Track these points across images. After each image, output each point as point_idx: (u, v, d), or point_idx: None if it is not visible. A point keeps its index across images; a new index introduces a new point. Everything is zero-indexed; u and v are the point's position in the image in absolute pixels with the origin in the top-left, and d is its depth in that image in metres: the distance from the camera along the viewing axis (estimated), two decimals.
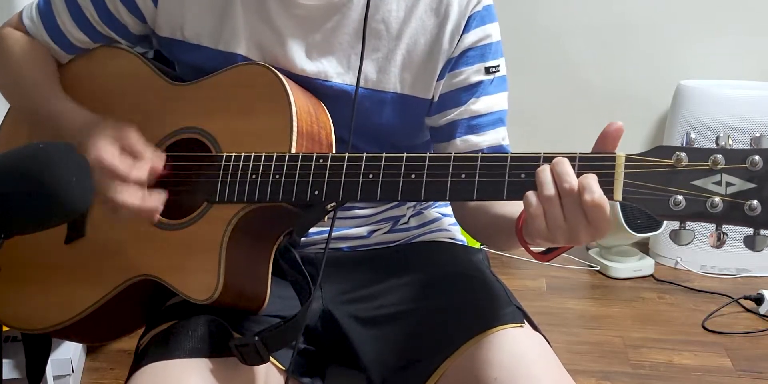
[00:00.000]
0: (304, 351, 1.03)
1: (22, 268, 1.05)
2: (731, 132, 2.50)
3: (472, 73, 1.04)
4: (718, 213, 0.74)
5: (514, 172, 0.81)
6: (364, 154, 0.88)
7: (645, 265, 2.69)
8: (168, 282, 0.95)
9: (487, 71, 1.04)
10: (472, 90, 1.05)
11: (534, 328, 1.01)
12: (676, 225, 0.78)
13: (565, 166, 0.78)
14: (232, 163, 0.93)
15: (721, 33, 2.78)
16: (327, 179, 0.89)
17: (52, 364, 1.70)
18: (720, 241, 0.76)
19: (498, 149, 1.06)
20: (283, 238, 0.98)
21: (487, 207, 1.00)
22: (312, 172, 0.89)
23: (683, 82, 2.70)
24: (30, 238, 0.84)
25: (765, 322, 2.33)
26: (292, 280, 0.98)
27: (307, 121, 0.95)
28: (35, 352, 1.18)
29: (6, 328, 1.07)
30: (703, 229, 0.78)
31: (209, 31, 1.03)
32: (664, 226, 2.60)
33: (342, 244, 1.13)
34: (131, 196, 0.91)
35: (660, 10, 2.80)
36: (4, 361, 1.54)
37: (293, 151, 0.92)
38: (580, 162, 0.79)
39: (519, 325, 0.97)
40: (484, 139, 1.06)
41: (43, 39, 1.10)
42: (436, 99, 1.05)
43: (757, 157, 0.73)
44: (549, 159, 0.80)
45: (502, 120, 1.07)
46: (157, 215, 0.93)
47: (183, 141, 1.01)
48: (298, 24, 1.01)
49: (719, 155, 0.74)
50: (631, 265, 2.68)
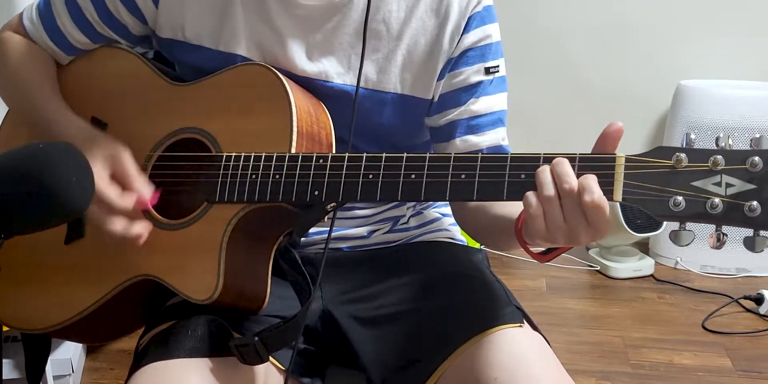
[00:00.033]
0: (304, 351, 1.03)
1: (22, 268, 1.05)
2: (731, 132, 2.49)
3: (471, 74, 1.04)
4: (717, 214, 0.74)
5: (514, 173, 0.81)
6: (364, 155, 0.88)
7: (645, 265, 2.69)
8: (168, 282, 0.95)
9: (486, 71, 1.04)
10: (472, 90, 1.05)
11: (533, 328, 1.01)
12: (676, 226, 0.78)
13: (565, 166, 0.78)
14: (232, 163, 0.93)
15: (721, 33, 2.78)
16: (327, 179, 0.89)
17: (52, 364, 1.70)
18: (720, 241, 0.76)
19: (497, 149, 1.06)
20: (283, 238, 0.98)
21: (487, 208, 1.00)
22: (312, 172, 0.89)
23: (683, 82, 2.70)
24: (30, 238, 0.84)
25: (765, 322, 2.33)
26: (292, 281, 0.98)
27: (307, 121, 0.95)
28: (35, 352, 1.18)
29: (6, 328, 1.07)
30: (702, 230, 0.78)
31: (209, 32, 1.03)
32: (664, 226, 2.60)
33: (342, 244, 1.13)
34: (116, 224, 0.93)
35: (660, 11, 2.80)
36: (4, 361, 1.54)
37: (293, 151, 0.92)
38: (580, 162, 0.79)
39: (518, 325, 0.97)
40: (484, 140, 1.06)
41: (43, 40, 1.10)
42: (436, 99, 1.05)
43: (756, 158, 0.73)
44: (549, 159, 0.80)
45: (501, 120, 1.07)
46: (143, 241, 0.95)
47: (183, 141, 1.01)
48: (298, 24, 1.01)
49: (719, 156, 0.74)
50: (631, 265, 2.68)
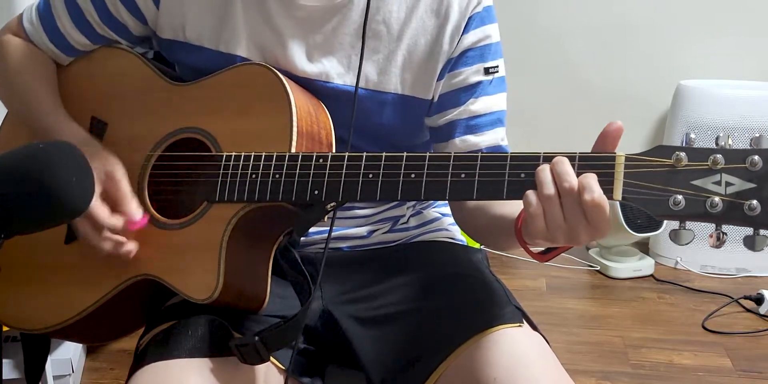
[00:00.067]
0: (304, 351, 1.03)
1: (22, 268, 1.05)
2: (731, 132, 2.50)
3: (471, 74, 1.04)
4: (717, 213, 0.74)
5: (513, 172, 0.81)
6: (364, 154, 0.88)
7: (645, 265, 2.69)
8: (168, 282, 0.95)
9: (486, 72, 1.04)
10: (471, 90, 1.05)
11: (533, 327, 1.00)
12: (676, 225, 0.78)
13: (564, 165, 0.78)
14: (232, 162, 0.93)
15: (721, 33, 2.79)
16: (327, 179, 0.89)
17: (52, 364, 1.70)
18: (720, 241, 0.76)
19: (497, 149, 1.06)
20: (283, 237, 0.98)
21: (486, 208, 1.00)
22: (312, 171, 0.89)
23: (683, 82, 2.70)
24: (30, 238, 0.84)
25: (765, 322, 2.33)
26: (292, 280, 0.98)
27: (307, 120, 0.95)
28: (34, 352, 1.18)
29: (6, 328, 1.07)
30: (702, 230, 0.78)
31: (209, 32, 1.03)
32: (664, 226, 2.60)
33: (342, 244, 1.13)
34: (105, 244, 0.95)
35: (660, 11, 2.80)
36: (4, 361, 1.54)
37: (293, 150, 0.92)
38: (580, 161, 0.79)
39: (518, 324, 0.97)
40: (483, 140, 1.06)
41: (43, 42, 1.10)
42: (435, 99, 1.05)
43: (756, 157, 0.73)
44: (549, 158, 0.80)
45: (500, 120, 1.07)
46: (131, 256, 0.96)
47: (183, 141, 1.01)
48: (298, 25, 1.01)
49: (719, 155, 0.74)
50: (631, 265, 2.68)
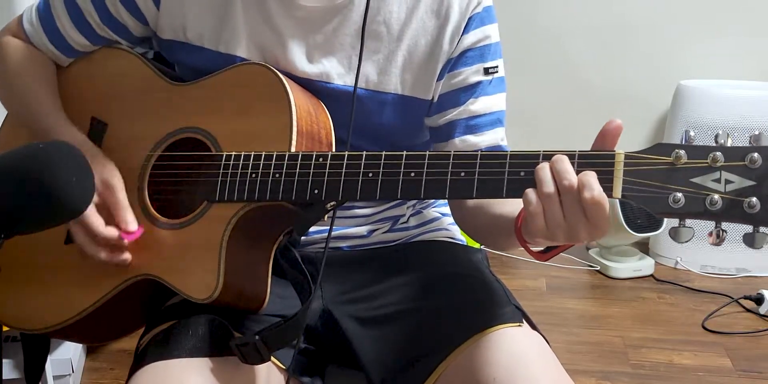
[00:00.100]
0: (305, 350, 1.03)
1: (22, 268, 1.05)
2: (731, 132, 2.46)
3: (471, 74, 1.04)
4: (717, 210, 0.73)
5: (513, 170, 0.81)
6: (364, 153, 0.88)
7: (645, 265, 2.69)
8: (168, 281, 0.95)
9: (485, 72, 1.05)
10: (471, 90, 1.05)
11: (533, 327, 1.00)
12: (676, 223, 0.78)
13: (564, 163, 0.78)
14: (232, 162, 0.93)
15: (721, 33, 2.79)
16: (327, 178, 0.89)
17: (52, 364, 1.70)
18: (719, 238, 0.76)
19: (496, 149, 1.06)
20: (283, 237, 0.98)
21: (486, 207, 1.00)
22: (312, 171, 0.89)
23: (683, 82, 2.70)
24: (30, 238, 0.83)
25: (765, 322, 2.33)
26: (293, 280, 0.98)
27: (307, 120, 0.95)
28: (34, 352, 1.18)
29: (6, 328, 1.07)
30: (702, 230, 0.78)
31: (209, 32, 1.03)
32: (664, 225, 2.60)
33: (342, 244, 1.13)
34: (100, 253, 0.96)
35: (660, 11, 2.80)
36: (4, 361, 1.54)
37: (293, 150, 0.92)
38: (580, 159, 0.79)
39: (518, 324, 0.97)
40: (483, 140, 1.06)
41: (43, 43, 1.10)
42: (435, 99, 1.05)
43: (756, 154, 0.73)
44: (548, 157, 0.80)
45: (500, 120, 1.07)
46: (126, 264, 0.96)
47: (183, 140, 1.01)
48: (298, 25, 1.01)
49: (718, 153, 0.74)
50: (631, 265, 2.68)
